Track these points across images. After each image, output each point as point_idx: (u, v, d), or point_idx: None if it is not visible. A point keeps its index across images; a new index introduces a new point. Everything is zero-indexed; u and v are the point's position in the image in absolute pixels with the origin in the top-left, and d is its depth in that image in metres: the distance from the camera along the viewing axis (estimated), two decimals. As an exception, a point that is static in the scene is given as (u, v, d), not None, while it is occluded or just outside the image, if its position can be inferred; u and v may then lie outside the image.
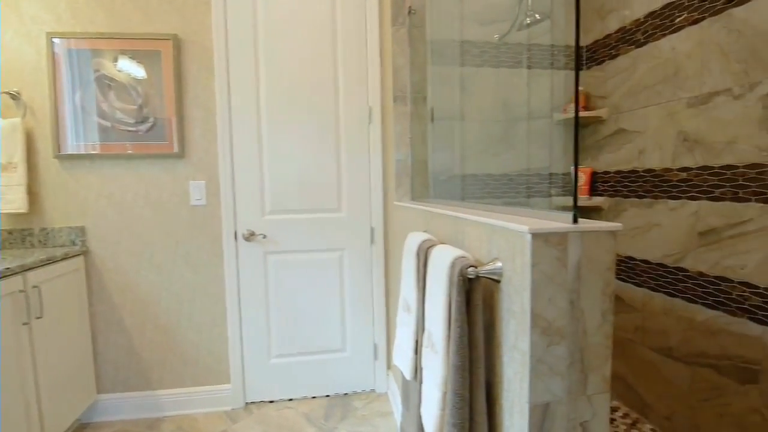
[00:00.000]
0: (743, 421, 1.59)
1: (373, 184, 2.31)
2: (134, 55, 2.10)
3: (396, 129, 2.12)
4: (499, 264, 0.87)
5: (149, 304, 2.19)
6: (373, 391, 2.41)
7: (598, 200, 2.32)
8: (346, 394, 2.39)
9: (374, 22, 2.23)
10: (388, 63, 2.19)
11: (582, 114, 2.31)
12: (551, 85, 2.43)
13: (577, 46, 0.72)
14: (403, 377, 1.36)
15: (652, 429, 2.01)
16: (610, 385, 0.81)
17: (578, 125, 0.74)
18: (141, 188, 2.15)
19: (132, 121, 2.11)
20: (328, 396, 2.37)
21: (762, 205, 1.52)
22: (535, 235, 0.74)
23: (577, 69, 0.70)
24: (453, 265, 0.91)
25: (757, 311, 1.54)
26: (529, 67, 2.41)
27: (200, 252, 2.20)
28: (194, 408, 2.25)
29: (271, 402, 2.32)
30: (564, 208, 2.46)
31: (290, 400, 2.34)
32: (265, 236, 2.22)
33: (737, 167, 1.60)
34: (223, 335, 2.26)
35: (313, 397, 2.36)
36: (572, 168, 0.76)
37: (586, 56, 2.45)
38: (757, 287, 1.54)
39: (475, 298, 0.88)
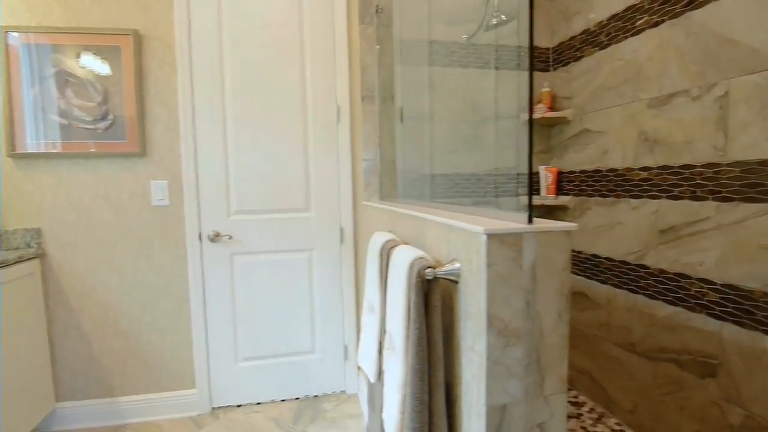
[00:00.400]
0: (703, 414, 1.64)
1: (343, 184, 2.28)
2: (98, 51, 2.02)
3: (364, 128, 2.10)
4: (457, 265, 0.86)
5: (109, 308, 2.12)
6: (343, 392, 2.39)
7: (564, 199, 2.35)
8: (316, 396, 2.36)
9: (342, 19, 2.21)
10: (356, 62, 2.17)
11: (548, 115, 2.34)
12: (518, 86, 2.45)
13: (531, 50, 0.71)
14: (369, 379, 1.34)
15: (616, 423, 2.06)
16: (566, 385, 0.81)
17: (532, 127, 0.74)
18: (100, 188, 2.07)
19: (90, 119, 2.03)
20: (297, 399, 2.34)
21: (718, 203, 1.56)
22: (491, 236, 0.74)
23: (531, 71, 0.70)
24: (411, 266, 0.89)
25: (714, 307, 1.59)
26: (496, 68, 2.42)
27: (163, 254, 2.14)
28: (158, 414, 2.18)
29: (239, 406, 2.27)
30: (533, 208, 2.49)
31: (258, 404, 2.30)
32: (230, 237, 2.16)
33: (695, 166, 1.65)
34: (188, 339, 2.19)
35: (282, 401, 2.32)
36: (527, 169, 0.76)
37: (552, 58, 2.49)
38: (714, 283, 1.59)
39: (433, 299, 0.87)
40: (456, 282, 0.87)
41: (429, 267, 0.86)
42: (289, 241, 2.25)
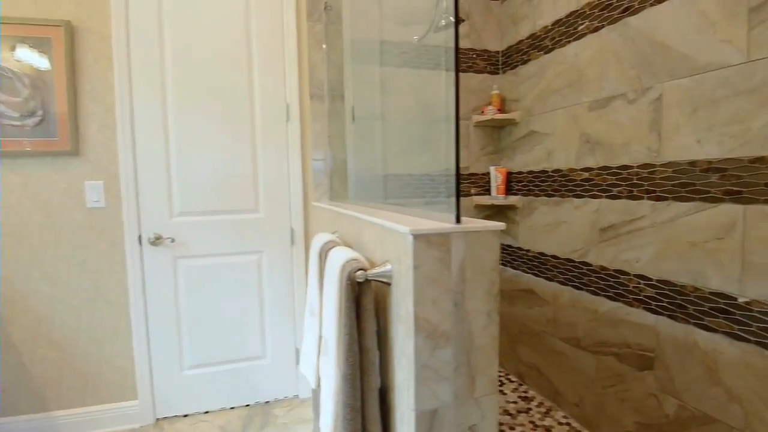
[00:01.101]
0: (641, 406, 1.70)
1: (293, 184, 2.23)
2: (35, 45, 1.88)
3: (314, 127, 2.07)
4: (388, 266, 0.84)
5: (42, 317, 1.98)
6: (296, 397, 2.34)
7: (513, 199, 2.40)
8: (267, 402, 2.30)
9: (291, 14, 2.16)
10: (305, 59, 2.13)
11: (497, 116, 2.38)
12: (469, 88, 2.48)
13: (457, 49, 0.71)
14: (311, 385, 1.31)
15: (563, 416, 2.11)
16: (497, 386, 0.81)
17: (458, 127, 0.73)
18: (28, 190, 1.93)
19: (17, 114, 1.89)
20: (248, 405, 2.27)
21: (653, 202, 1.62)
22: (417, 236, 0.72)
23: (457, 71, 0.69)
24: (343, 268, 0.87)
25: (650, 302, 1.65)
26: (447, 70, 2.44)
27: (99, 259, 2.02)
28: (97, 428, 2.06)
29: (185, 416, 2.18)
30: (482, 207, 2.51)
31: (206, 412, 2.21)
32: (173, 240, 2.07)
33: (632, 167, 1.71)
34: (129, 348, 2.09)
35: (232, 408, 2.25)
36: (454, 168, 0.75)
37: (502, 61, 2.53)
38: (650, 279, 1.65)
39: (365, 302, 0.85)
40: (388, 284, 0.86)
41: (360, 269, 0.84)
42: (237, 243, 2.18)
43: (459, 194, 0.73)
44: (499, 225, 0.77)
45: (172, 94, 2.04)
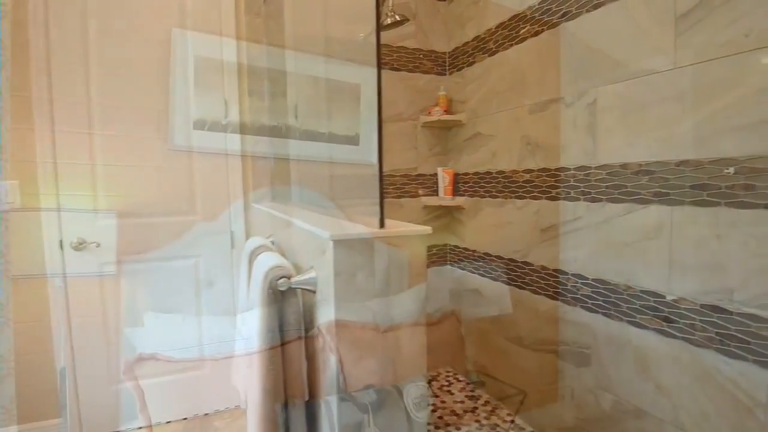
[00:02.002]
0: (580, 401, 1.74)
1: (232, 185, 2.13)
2: None
3: (253, 125, 1.98)
4: (312, 274, 0.80)
5: (-54, 331, 1.79)
6: (237, 407, 2.24)
7: (459, 200, 2.41)
8: (207, 414, 2.19)
9: (230, 7, 2.06)
10: (243, 53, 2.04)
11: (443, 117, 2.38)
12: (416, 89, 2.47)
13: (378, 49, 0.68)
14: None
15: (508, 414, 2.14)
16: (428, 393, 0.78)
17: (381, 126, 0.69)
18: (-70, 190, 1.74)
19: None
20: (185, 419, 2.15)
21: (588, 203, 1.66)
22: (338, 242, 0.68)
23: (379, 69, 0.66)
24: (266, 275, 0.82)
25: (587, 300, 1.69)
26: (397, 69, 2.42)
27: (15, 266, 1.85)
28: (14, 451, 1.89)
29: (116, 433, 2.04)
30: (430, 208, 2.50)
31: (139, 429, 2.08)
32: (99, 245, 1.92)
33: (569, 169, 1.74)
34: (51, 362, 1.92)
35: (168, 423, 2.12)
36: (377, 170, 0.71)
37: (449, 62, 2.54)
38: (586, 278, 1.69)
39: (289, 311, 0.80)
40: (313, 292, 0.81)
41: (284, 276, 0.79)
42: (172, 247, 2.05)
43: (383, 197, 0.70)
44: (425, 229, 0.74)
45: (97, 85, 1.90)
